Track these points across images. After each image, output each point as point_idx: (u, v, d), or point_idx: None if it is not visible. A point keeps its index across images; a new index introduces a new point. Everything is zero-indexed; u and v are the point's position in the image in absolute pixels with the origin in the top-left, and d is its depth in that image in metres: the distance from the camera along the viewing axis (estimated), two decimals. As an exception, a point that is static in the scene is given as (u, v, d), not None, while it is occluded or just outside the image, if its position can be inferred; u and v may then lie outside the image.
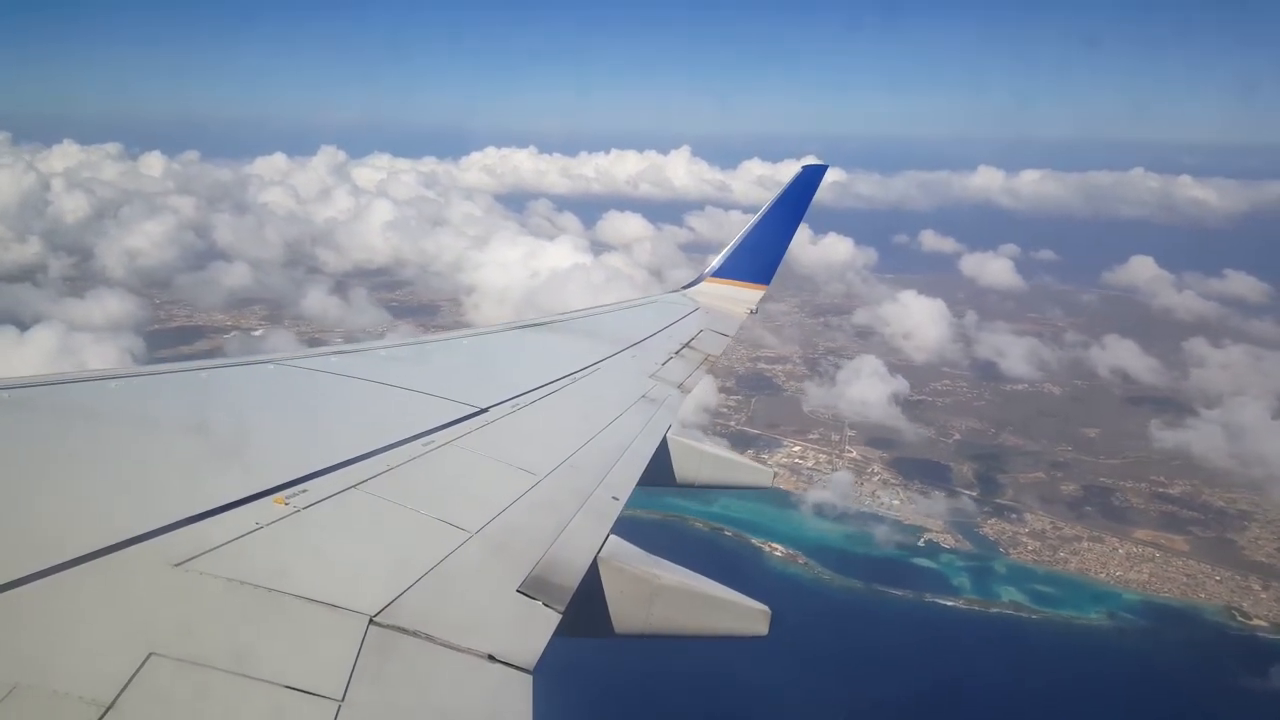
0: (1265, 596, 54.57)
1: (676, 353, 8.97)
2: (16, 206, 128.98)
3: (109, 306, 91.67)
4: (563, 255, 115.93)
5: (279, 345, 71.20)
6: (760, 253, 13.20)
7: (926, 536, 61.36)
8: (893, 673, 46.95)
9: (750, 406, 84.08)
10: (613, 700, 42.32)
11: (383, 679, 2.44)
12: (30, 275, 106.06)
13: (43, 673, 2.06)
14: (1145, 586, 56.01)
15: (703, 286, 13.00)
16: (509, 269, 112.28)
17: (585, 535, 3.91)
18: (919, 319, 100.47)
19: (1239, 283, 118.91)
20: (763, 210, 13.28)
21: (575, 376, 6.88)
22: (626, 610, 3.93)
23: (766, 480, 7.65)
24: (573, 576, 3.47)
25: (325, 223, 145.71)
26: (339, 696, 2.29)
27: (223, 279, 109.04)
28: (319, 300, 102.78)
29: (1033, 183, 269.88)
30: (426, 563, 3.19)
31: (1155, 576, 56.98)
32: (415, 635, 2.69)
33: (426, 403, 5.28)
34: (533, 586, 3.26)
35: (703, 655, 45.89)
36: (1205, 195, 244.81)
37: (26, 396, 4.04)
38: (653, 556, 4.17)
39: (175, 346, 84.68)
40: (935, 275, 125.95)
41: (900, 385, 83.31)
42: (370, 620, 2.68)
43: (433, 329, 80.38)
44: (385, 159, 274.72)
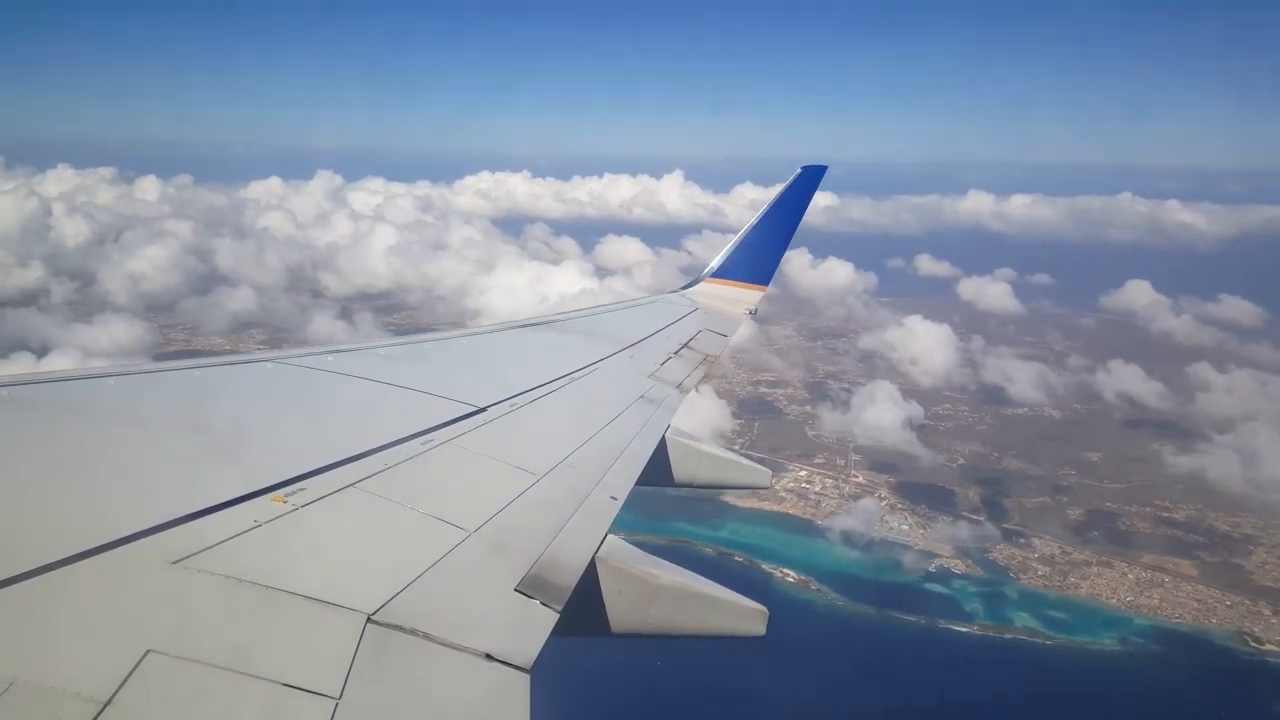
0: (1276, 622, 54.80)
1: (675, 353, 8.96)
2: (18, 231, 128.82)
3: (117, 331, 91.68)
4: (569, 279, 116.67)
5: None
6: (759, 254, 13.18)
7: (937, 562, 61.48)
8: (911, 699, 46.84)
9: (754, 431, 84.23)
10: (616, 704, 42.39)
11: (380, 677, 2.44)
12: (34, 300, 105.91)
13: (40, 669, 2.06)
14: (1156, 612, 56.26)
15: (701, 287, 12.99)
16: (515, 293, 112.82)
17: (583, 535, 3.89)
18: (921, 343, 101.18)
19: (1234, 307, 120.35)
20: (761, 211, 13.27)
21: (574, 376, 6.87)
22: (624, 610, 3.93)
23: (765, 480, 7.65)
24: (571, 576, 3.46)
25: (326, 247, 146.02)
26: (336, 694, 2.28)
27: (226, 303, 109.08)
28: (324, 324, 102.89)
29: (1023, 207, 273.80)
30: (424, 561, 3.19)
31: (1165, 601, 57.23)
32: (413, 634, 2.70)
33: (425, 402, 5.29)
34: (530, 586, 3.25)
35: (718, 676, 46.03)
36: (1193, 219, 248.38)
37: (24, 394, 4.03)
38: (651, 556, 4.19)
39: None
40: (933, 299, 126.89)
41: (909, 410, 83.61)
42: (368, 618, 2.68)
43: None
44: (379, 183, 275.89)
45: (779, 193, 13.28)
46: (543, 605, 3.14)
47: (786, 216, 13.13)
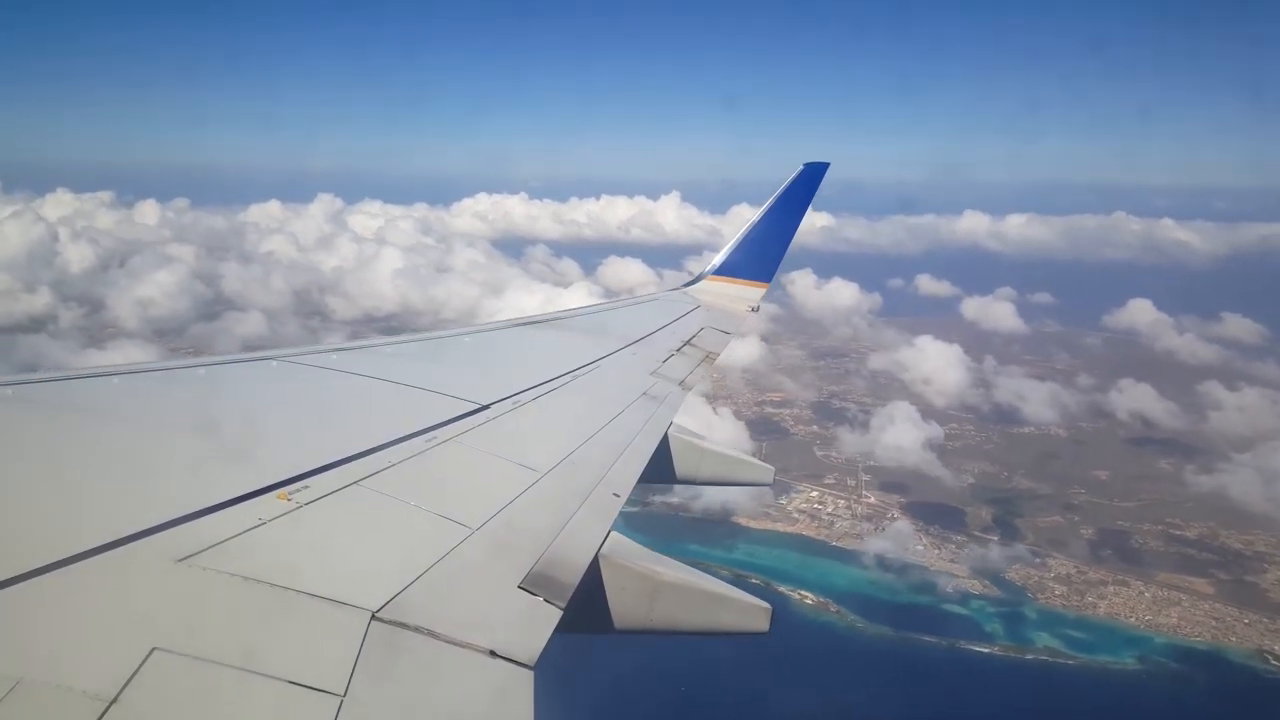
0: (1296, 640, 55.01)
1: (678, 350, 8.93)
2: (25, 256, 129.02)
3: (129, 356, 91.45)
4: (579, 302, 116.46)
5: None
6: (761, 251, 13.07)
7: (954, 582, 61.64)
8: (938, 722, 47.01)
9: (761, 451, 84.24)
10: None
11: (385, 674, 2.45)
12: (43, 326, 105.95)
13: (46, 667, 2.07)
14: (1175, 630, 56.47)
15: (704, 284, 12.91)
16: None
17: (586, 532, 3.89)
18: (932, 363, 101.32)
19: (1236, 325, 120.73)
20: (764, 208, 13.12)
21: (576, 373, 6.86)
22: (628, 606, 3.92)
23: (767, 477, 7.61)
24: (574, 573, 3.46)
25: (332, 271, 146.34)
26: (341, 692, 2.29)
27: (235, 328, 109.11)
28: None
29: (1019, 226, 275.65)
30: (428, 559, 3.19)
31: (1184, 620, 57.45)
32: (417, 631, 2.70)
33: (428, 399, 5.27)
34: (534, 583, 3.25)
35: (744, 696, 45.99)
36: (1188, 238, 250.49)
37: (29, 393, 4.04)
38: (654, 553, 4.17)
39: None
40: (936, 319, 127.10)
41: (928, 430, 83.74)
42: (372, 616, 2.69)
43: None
44: (377, 205, 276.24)
45: (781, 190, 13.14)
46: (546, 602, 3.14)
47: (788, 214, 13.03)
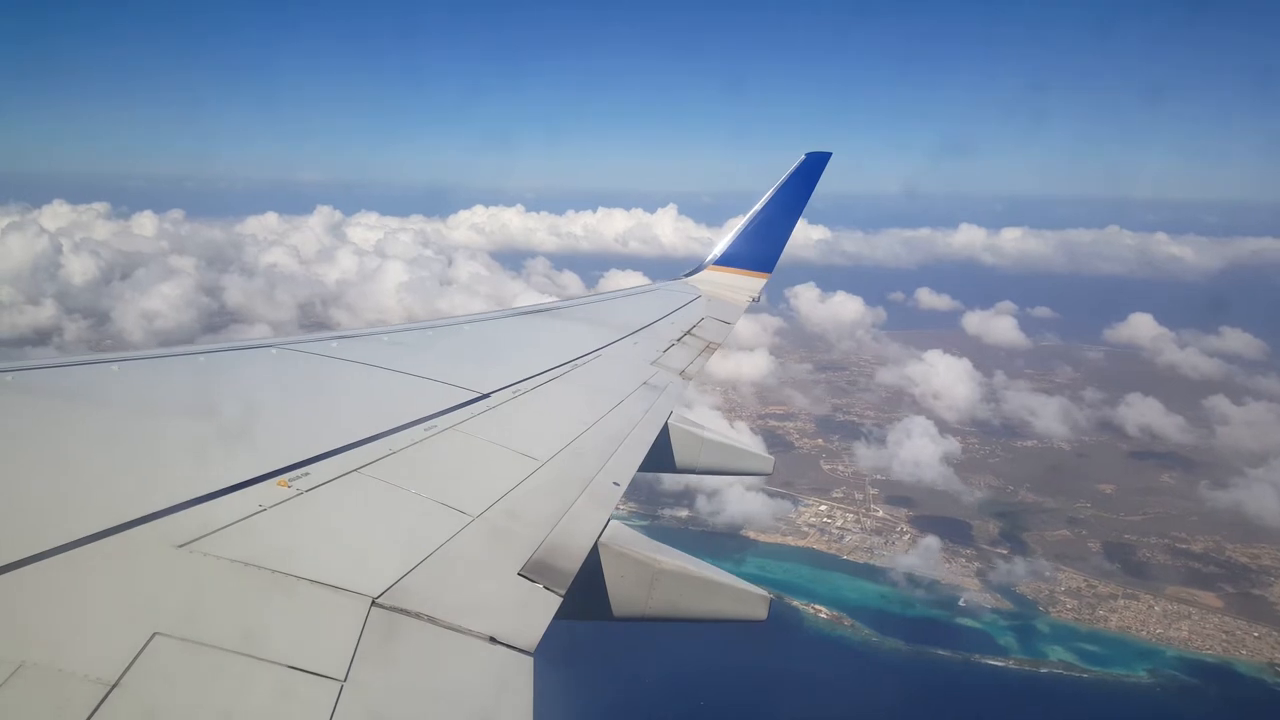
0: (1306, 654, 55.46)
1: (678, 340, 8.93)
2: (29, 269, 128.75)
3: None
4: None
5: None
6: (762, 242, 12.97)
7: (966, 596, 61.92)
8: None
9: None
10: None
11: (385, 660, 2.46)
12: (48, 338, 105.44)
13: (48, 651, 2.07)
14: (1187, 644, 56.85)
15: (704, 274, 12.84)
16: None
17: (586, 520, 3.90)
18: (942, 377, 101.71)
19: (1236, 339, 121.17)
20: (764, 198, 12.99)
21: (577, 362, 6.87)
22: (627, 594, 3.94)
23: (768, 467, 7.56)
24: (574, 560, 3.47)
25: (336, 284, 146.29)
26: (342, 677, 2.30)
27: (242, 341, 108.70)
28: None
29: (1014, 240, 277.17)
30: (428, 546, 3.20)
31: (1194, 634, 57.84)
32: (417, 617, 2.71)
33: (428, 387, 5.28)
34: (534, 570, 3.27)
35: (764, 711, 46.08)
36: (1181, 252, 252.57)
37: (30, 379, 4.05)
38: (653, 541, 4.18)
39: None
40: (938, 333, 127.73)
41: (940, 445, 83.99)
42: (373, 602, 2.69)
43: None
44: (373, 217, 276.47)
45: (782, 179, 13.02)
46: (546, 589, 3.17)
47: (790, 204, 12.94)
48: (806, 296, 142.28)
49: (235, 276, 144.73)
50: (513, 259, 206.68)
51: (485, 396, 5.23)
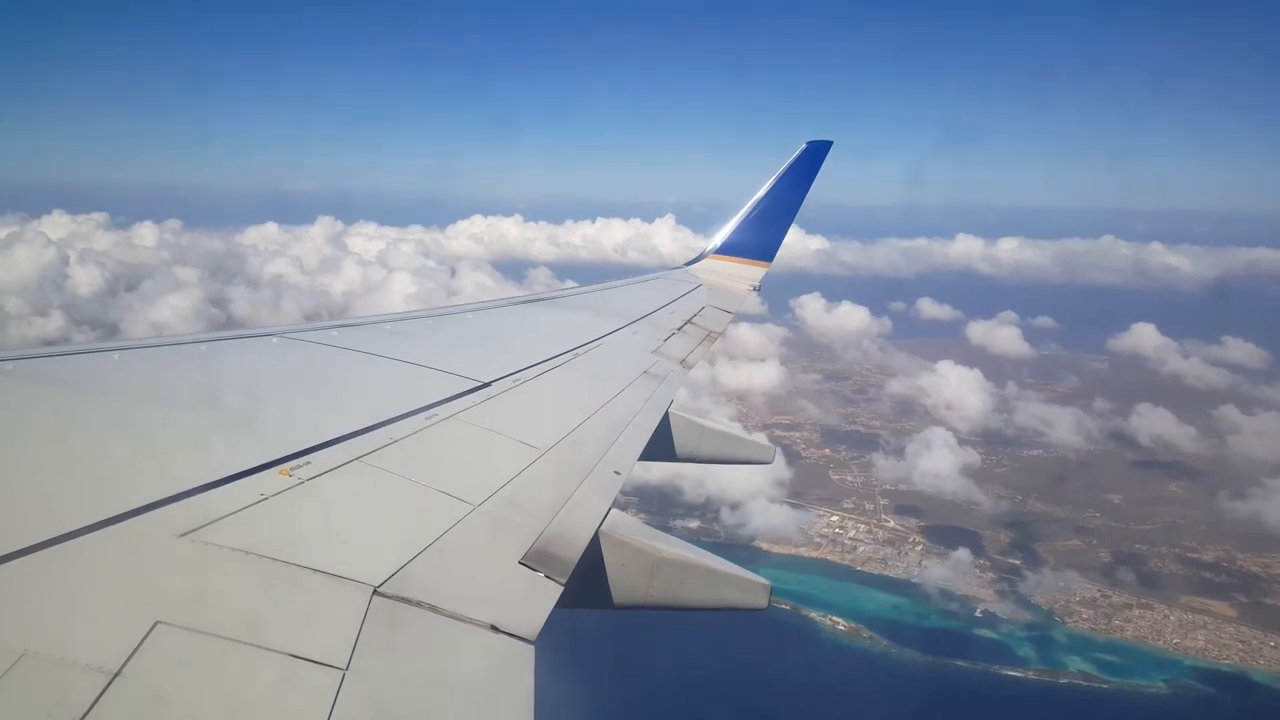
0: (1323, 663, 55.72)
1: (679, 329, 8.93)
2: (36, 280, 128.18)
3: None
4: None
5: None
6: (763, 230, 12.88)
7: (982, 607, 62.07)
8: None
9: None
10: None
11: (387, 648, 2.46)
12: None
13: (51, 640, 2.06)
14: (1204, 654, 57.12)
15: (705, 263, 12.82)
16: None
17: (587, 509, 3.91)
18: (951, 388, 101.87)
19: (1237, 349, 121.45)
20: (765, 187, 12.88)
21: (578, 351, 6.87)
22: (628, 582, 3.94)
23: (769, 456, 7.47)
24: (575, 549, 3.48)
25: (343, 294, 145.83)
26: (344, 665, 2.31)
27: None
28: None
29: (1011, 250, 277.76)
30: (430, 534, 3.20)
31: (1211, 643, 58.14)
32: (419, 605, 2.71)
33: (429, 376, 5.29)
34: (535, 559, 3.28)
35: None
36: (1177, 261, 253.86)
37: (31, 368, 4.04)
38: (654, 530, 4.20)
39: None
40: (942, 342, 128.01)
41: (959, 456, 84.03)
42: (374, 591, 2.70)
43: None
44: (372, 227, 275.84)
45: (783, 168, 12.89)
46: (547, 578, 3.17)
47: (791, 193, 12.83)
48: (812, 306, 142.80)
49: (241, 288, 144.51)
50: (514, 269, 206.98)
51: (486, 385, 5.23)
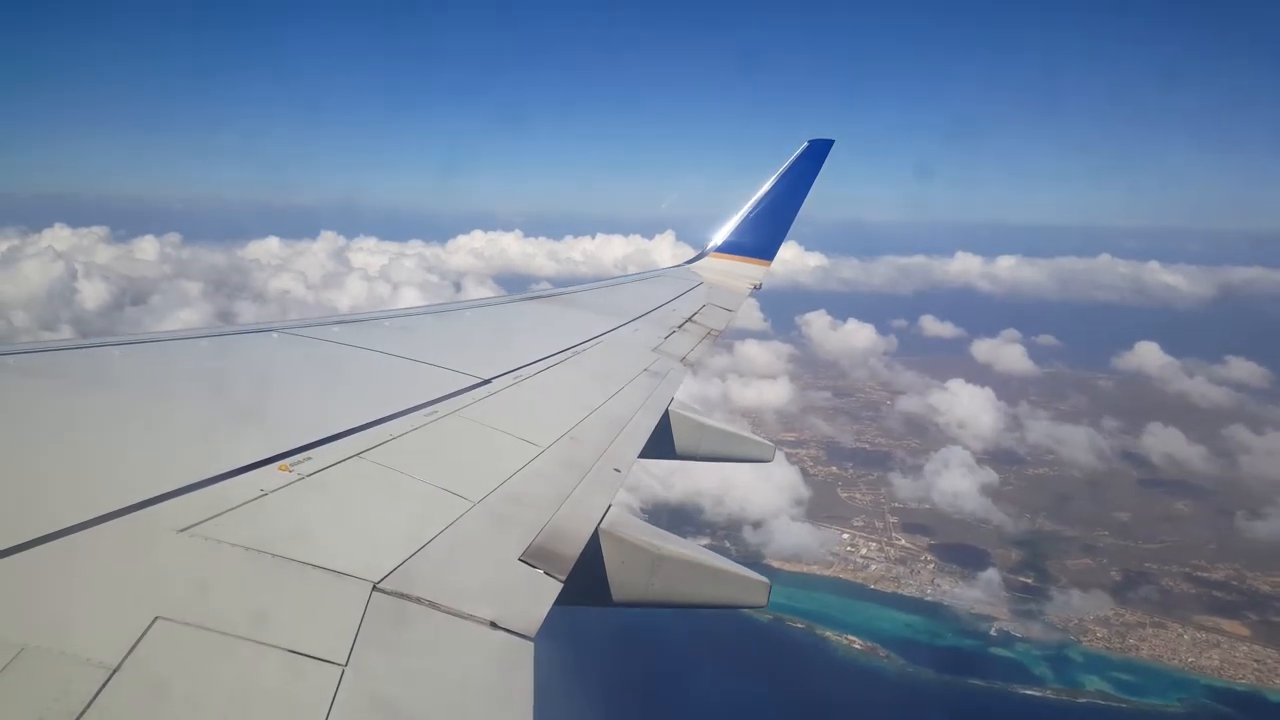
0: (1338, 682, 55.87)
1: (679, 327, 8.94)
2: (44, 294, 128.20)
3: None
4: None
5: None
6: (764, 229, 12.85)
7: (996, 625, 62.23)
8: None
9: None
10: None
11: (386, 644, 2.46)
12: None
13: (50, 635, 2.06)
14: (1219, 673, 57.31)
15: (706, 261, 12.81)
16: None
17: (587, 506, 3.91)
18: (961, 405, 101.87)
19: (1240, 368, 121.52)
20: (766, 186, 12.86)
21: (578, 349, 6.87)
22: (627, 579, 3.94)
23: (769, 454, 7.51)
24: (574, 546, 3.47)
25: (350, 310, 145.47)
26: (343, 661, 2.31)
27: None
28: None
29: (1009, 268, 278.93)
30: (430, 531, 3.20)
31: (1226, 663, 58.34)
32: (419, 602, 2.71)
33: (429, 373, 5.29)
34: (535, 555, 3.27)
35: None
36: (1174, 280, 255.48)
37: (30, 362, 4.03)
38: (654, 528, 4.19)
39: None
40: (947, 360, 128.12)
41: (979, 476, 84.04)
42: (374, 586, 2.70)
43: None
44: (373, 242, 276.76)
45: (785, 166, 12.87)
46: (547, 575, 3.17)
47: (792, 192, 12.81)
48: (818, 324, 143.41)
49: (247, 302, 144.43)
50: (515, 284, 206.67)
51: (487, 382, 5.24)
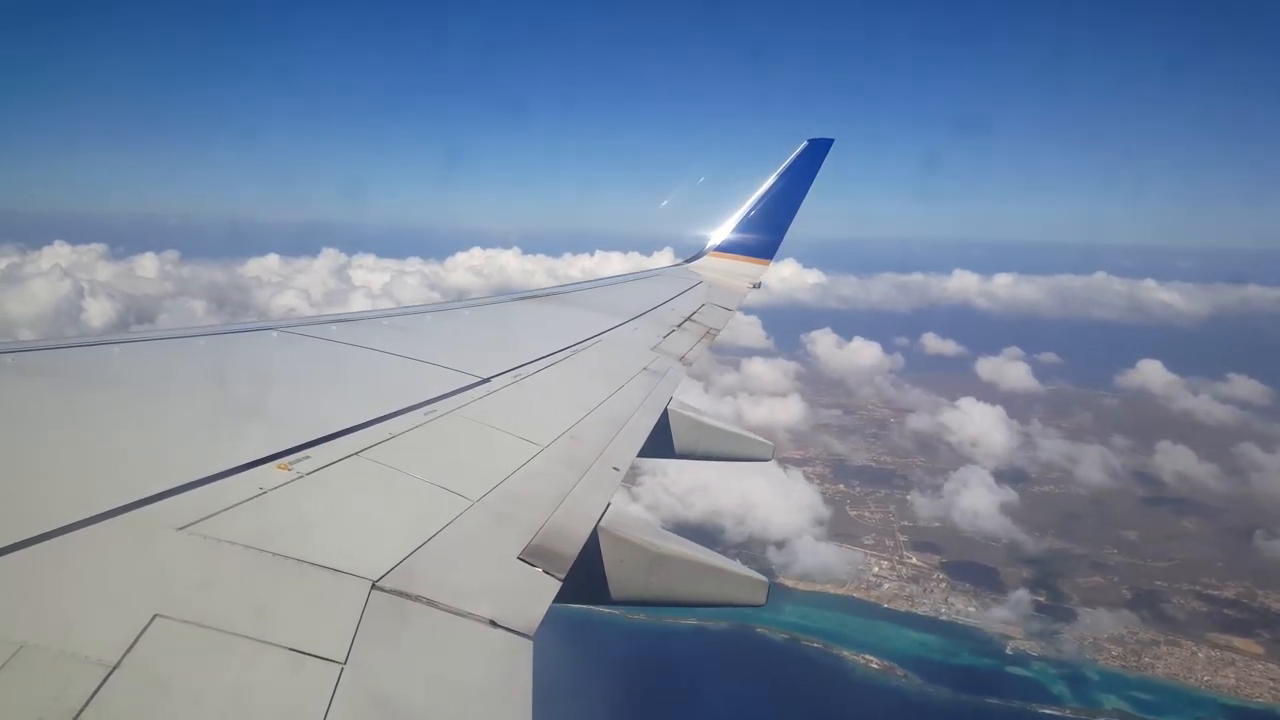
0: (1355, 701, 55.98)
1: (679, 326, 8.97)
2: (51, 312, 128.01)
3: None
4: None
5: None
6: (764, 229, 12.87)
7: (1012, 644, 62.29)
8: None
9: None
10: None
11: (385, 642, 2.46)
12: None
13: (50, 633, 2.07)
14: (1236, 691, 57.41)
15: (705, 260, 12.88)
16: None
17: (586, 504, 3.92)
18: (977, 424, 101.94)
19: (1243, 385, 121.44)
20: (766, 185, 12.87)
21: (577, 348, 6.87)
22: (626, 578, 3.96)
23: (767, 453, 7.54)
24: (573, 544, 3.48)
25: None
26: (342, 659, 2.31)
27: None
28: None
29: (1007, 286, 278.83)
30: (428, 529, 3.21)
31: (1242, 681, 58.46)
32: (418, 600, 2.71)
33: (428, 371, 5.30)
34: (533, 554, 3.28)
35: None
36: (1170, 298, 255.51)
37: (28, 361, 4.04)
38: (653, 526, 4.24)
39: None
40: (952, 378, 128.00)
41: (1003, 494, 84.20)
42: (373, 585, 2.70)
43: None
44: (372, 259, 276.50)
45: (784, 166, 12.88)
46: (545, 573, 3.18)
47: (791, 191, 12.81)
48: (824, 342, 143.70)
49: (253, 320, 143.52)
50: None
51: (486, 381, 5.26)
